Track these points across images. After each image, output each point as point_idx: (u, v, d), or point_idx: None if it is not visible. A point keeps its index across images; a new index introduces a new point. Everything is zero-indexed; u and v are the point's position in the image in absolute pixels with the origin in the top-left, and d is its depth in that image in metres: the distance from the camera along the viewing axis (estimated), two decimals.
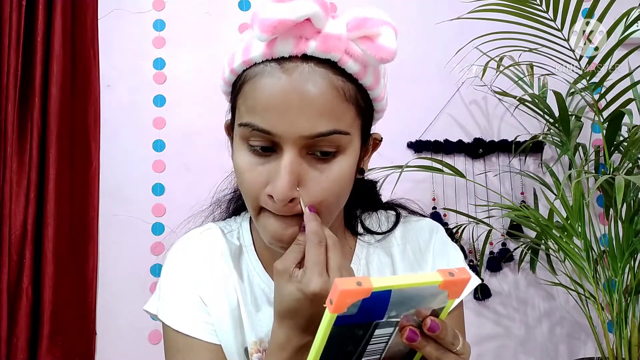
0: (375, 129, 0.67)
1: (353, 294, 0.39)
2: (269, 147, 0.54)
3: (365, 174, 0.68)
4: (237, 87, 0.56)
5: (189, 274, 0.67)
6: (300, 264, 0.53)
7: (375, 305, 0.41)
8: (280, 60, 0.53)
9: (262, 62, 0.54)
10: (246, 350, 0.66)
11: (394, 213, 0.74)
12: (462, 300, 0.71)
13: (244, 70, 0.56)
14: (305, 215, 0.53)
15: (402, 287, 0.40)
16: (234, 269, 0.68)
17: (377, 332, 0.44)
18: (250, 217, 0.72)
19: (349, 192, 0.59)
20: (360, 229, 0.72)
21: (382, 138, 0.67)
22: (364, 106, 0.57)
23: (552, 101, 1.56)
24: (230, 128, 0.63)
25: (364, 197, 0.74)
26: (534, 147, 1.84)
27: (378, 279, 0.40)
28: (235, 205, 0.76)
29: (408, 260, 0.71)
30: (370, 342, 0.45)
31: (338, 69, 0.53)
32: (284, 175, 0.52)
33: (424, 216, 0.79)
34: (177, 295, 0.66)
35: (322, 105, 0.52)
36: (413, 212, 0.77)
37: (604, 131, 1.49)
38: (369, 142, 0.64)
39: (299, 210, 0.54)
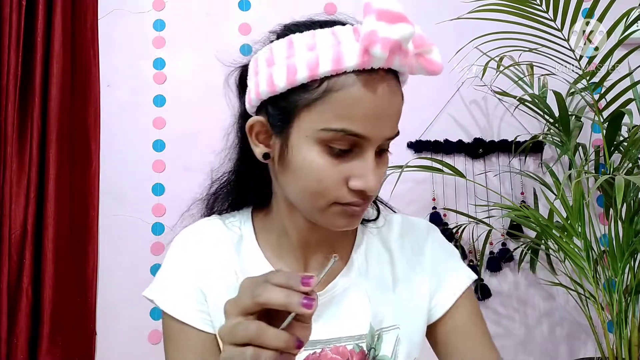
0: None
1: None
2: (348, 150, 0.59)
3: None
4: (317, 92, 0.58)
5: (189, 263, 0.70)
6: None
7: None
8: (370, 71, 0.58)
9: (352, 71, 0.57)
10: None
11: (375, 205, 0.79)
12: (470, 292, 0.75)
13: (327, 77, 0.57)
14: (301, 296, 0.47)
15: None
16: (234, 258, 0.71)
17: None
18: (252, 210, 0.75)
19: None
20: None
21: None
22: None
23: (552, 101, 1.56)
24: (257, 125, 0.64)
25: None
26: (534, 147, 1.84)
27: None
28: (229, 203, 0.77)
29: (406, 256, 0.74)
30: None
31: (398, 78, 0.62)
32: (375, 171, 0.59)
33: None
34: (175, 282, 0.69)
35: (398, 112, 0.62)
36: (385, 205, 0.81)
37: (604, 131, 1.49)
38: None
39: (372, 198, 0.62)
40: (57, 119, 1.76)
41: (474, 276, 0.75)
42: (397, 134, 0.62)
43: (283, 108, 0.61)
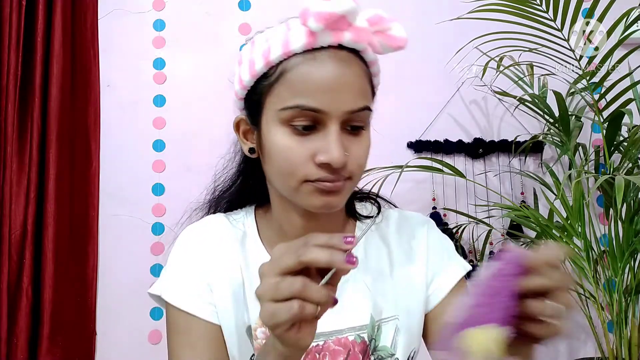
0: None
1: None
2: (311, 126, 0.61)
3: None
4: (274, 77, 0.62)
5: (194, 256, 0.72)
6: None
7: None
8: (319, 49, 0.61)
9: (302, 52, 0.61)
10: (249, 328, 0.69)
11: (375, 202, 0.81)
12: (463, 283, 0.76)
13: (280, 62, 0.62)
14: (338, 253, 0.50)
15: None
16: (239, 252, 0.72)
17: None
18: (255, 208, 0.78)
19: None
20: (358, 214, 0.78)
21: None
22: (374, 91, 0.68)
23: (552, 101, 1.56)
24: (242, 123, 0.69)
25: None
26: (534, 147, 1.84)
27: None
28: (230, 203, 0.80)
29: (403, 249, 0.76)
30: None
31: (360, 56, 0.64)
32: (337, 143, 0.60)
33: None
34: (181, 275, 0.71)
35: (359, 85, 0.62)
36: (389, 203, 0.83)
37: (604, 131, 1.49)
38: None
39: (345, 175, 0.62)
40: (57, 119, 1.76)
41: (469, 267, 0.77)
42: (365, 108, 0.63)
43: (253, 101, 0.66)
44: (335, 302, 0.48)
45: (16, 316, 1.67)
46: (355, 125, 0.63)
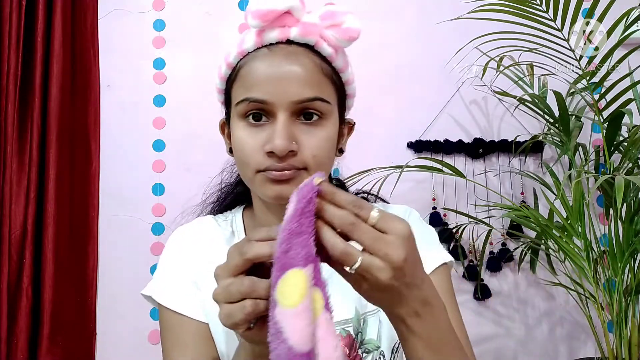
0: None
1: None
2: (262, 118, 0.64)
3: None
4: (233, 76, 0.67)
5: (182, 257, 0.74)
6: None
7: None
8: (269, 46, 0.65)
9: (254, 50, 0.66)
10: None
11: (365, 200, 0.81)
12: (444, 271, 0.75)
13: (238, 62, 0.67)
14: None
15: None
16: (225, 252, 0.72)
17: None
18: (244, 208, 0.80)
19: (333, 161, 0.69)
20: None
21: (354, 123, 0.76)
22: (339, 85, 0.69)
23: (552, 101, 1.56)
24: (225, 125, 0.73)
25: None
26: (534, 147, 1.84)
27: None
28: (222, 204, 0.83)
29: None
30: None
31: (315, 51, 0.66)
32: (281, 131, 0.62)
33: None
34: (170, 275, 0.73)
35: (307, 76, 0.64)
36: (380, 200, 0.85)
37: (604, 131, 1.49)
38: (344, 125, 0.73)
39: (296, 164, 0.63)
40: (57, 119, 1.76)
41: (449, 258, 0.77)
42: (317, 99, 0.64)
43: (225, 102, 0.71)
44: None
45: (16, 316, 1.67)
46: (310, 115, 0.64)
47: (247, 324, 0.47)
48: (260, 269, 0.48)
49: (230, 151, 0.73)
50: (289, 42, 0.65)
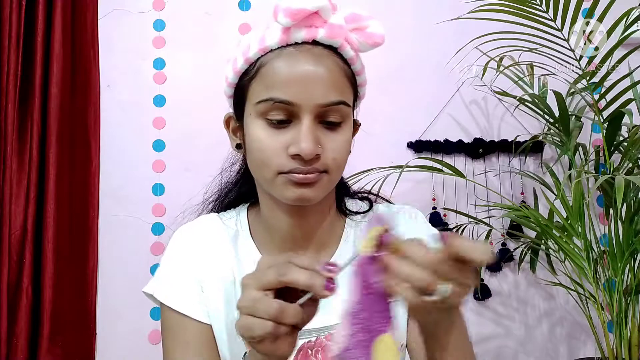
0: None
1: None
2: (286, 120, 0.63)
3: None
4: (252, 72, 0.65)
5: (186, 256, 0.73)
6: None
7: None
8: (294, 45, 0.64)
9: (277, 48, 0.64)
10: None
11: (367, 200, 0.82)
12: None
13: (258, 58, 0.65)
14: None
15: None
16: (230, 250, 0.73)
17: None
18: (248, 206, 0.79)
19: (346, 162, 0.69)
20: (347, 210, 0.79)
21: (360, 124, 0.76)
22: (355, 87, 0.69)
23: (552, 101, 1.56)
24: (231, 120, 0.72)
25: (341, 186, 0.80)
26: (534, 147, 1.84)
27: None
28: (225, 201, 0.81)
29: None
30: None
31: (338, 53, 0.66)
32: (308, 135, 0.61)
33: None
34: (173, 275, 0.73)
35: (332, 80, 0.63)
36: (383, 199, 0.84)
37: (604, 131, 1.49)
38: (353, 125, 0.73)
39: (319, 168, 0.63)
40: (57, 119, 1.76)
41: None
42: (341, 102, 0.64)
43: (237, 97, 0.69)
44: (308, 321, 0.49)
45: (16, 316, 1.67)
46: (331, 120, 0.64)
47: (262, 339, 0.47)
48: (288, 289, 0.48)
49: (237, 147, 0.72)
50: (314, 42, 0.64)
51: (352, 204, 0.80)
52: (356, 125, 0.75)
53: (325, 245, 0.75)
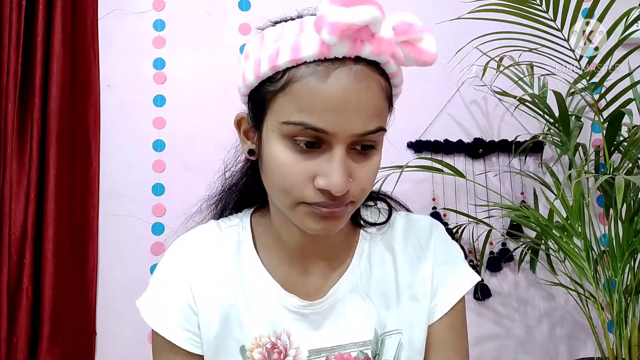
0: None
1: None
2: (314, 143, 0.55)
3: None
4: (280, 84, 0.56)
5: (179, 276, 0.67)
6: None
7: None
8: (334, 60, 0.54)
9: (313, 61, 0.54)
10: (242, 348, 0.66)
11: (387, 207, 0.75)
12: (462, 302, 0.71)
13: (289, 68, 0.55)
14: None
15: None
16: (230, 265, 0.68)
17: None
18: (252, 213, 0.72)
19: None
20: (362, 222, 0.73)
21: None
22: (391, 101, 0.62)
23: (552, 101, 1.56)
24: (243, 121, 0.64)
25: None
26: (534, 147, 1.84)
27: None
28: (227, 201, 0.75)
29: (408, 257, 0.71)
30: None
31: (381, 69, 0.57)
32: (341, 170, 0.54)
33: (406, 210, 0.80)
34: (162, 298, 0.67)
35: (373, 105, 0.56)
36: (399, 205, 0.78)
37: (604, 131, 1.49)
38: None
39: (346, 201, 0.57)
40: (57, 119, 1.76)
41: (477, 278, 0.72)
42: (380, 129, 0.56)
43: (256, 102, 0.60)
44: None
45: (16, 316, 1.67)
46: (365, 145, 0.57)
47: None
48: None
49: (250, 153, 0.64)
50: (357, 57, 0.55)
51: (368, 214, 0.73)
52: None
53: (338, 259, 0.70)
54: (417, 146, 1.85)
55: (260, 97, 0.59)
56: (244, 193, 0.74)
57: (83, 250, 1.78)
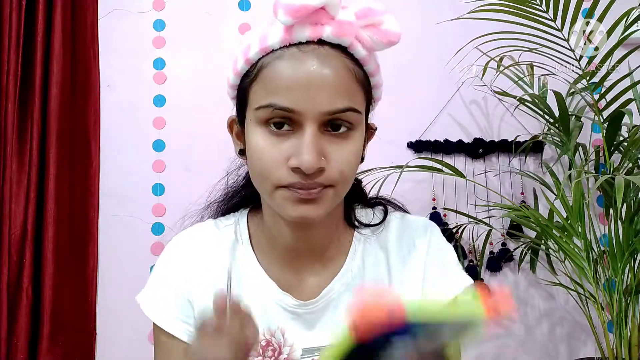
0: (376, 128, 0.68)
1: (382, 325, 0.37)
2: (286, 127, 0.57)
3: (366, 174, 0.68)
4: (253, 75, 0.60)
5: (177, 271, 0.69)
6: None
7: (398, 331, 0.38)
8: (298, 45, 0.58)
9: (280, 48, 0.58)
10: None
11: (383, 208, 0.75)
12: None
13: (259, 59, 0.59)
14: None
15: (437, 321, 0.37)
16: (227, 263, 0.69)
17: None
18: (248, 213, 0.74)
19: (355, 173, 0.63)
20: (357, 222, 0.73)
21: (376, 128, 0.71)
22: (368, 90, 0.63)
23: (552, 101, 1.56)
24: (234, 123, 0.67)
25: (353, 193, 0.74)
26: (534, 147, 1.84)
27: (413, 303, 0.37)
28: (227, 205, 0.76)
29: (402, 256, 0.71)
30: None
31: (348, 53, 0.59)
32: (310, 147, 0.55)
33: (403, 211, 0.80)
34: (161, 291, 0.69)
35: (339, 84, 0.57)
36: (398, 207, 0.78)
37: (604, 131, 1.49)
38: (367, 130, 0.67)
39: (323, 182, 0.58)
40: (57, 119, 1.76)
41: (469, 282, 0.71)
42: (350, 109, 0.58)
43: (239, 99, 0.64)
44: None
45: (16, 316, 1.67)
46: (338, 126, 0.58)
47: None
48: None
49: (240, 153, 0.66)
50: (321, 41, 0.58)
51: (363, 215, 0.74)
52: (371, 130, 0.69)
53: (332, 260, 0.70)
54: (417, 146, 1.85)
55: (241, 93, 0.62)
56: (245, 200, 0.75)
57: (83, 250, 1.78)
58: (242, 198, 0.75)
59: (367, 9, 0.59)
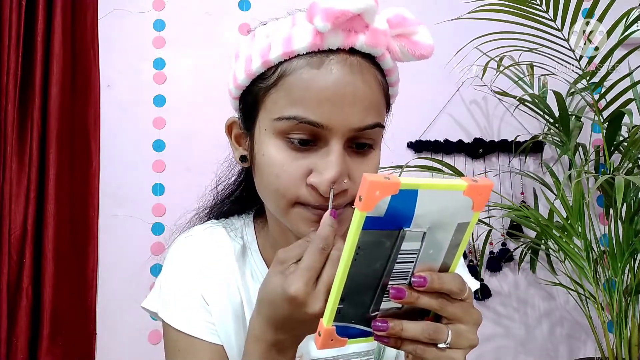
0: None
1: (382, 186, 0.38)
2: (309, 141, 0.53)
3: None
4: (272, 80, 0.54)
5: (191, 273, 0.66)
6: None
7: (403, 208, 0.40)
8: (328, 52, 0.53)
9: (306, 53, 0.53)
10: None
11: None
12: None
13: (280, 62, 0.54)
14: (324, 216, 0.50)
15: (427, 188, 0.40)
16: (237, 269, 0.67)
17: (405, 245, 0.42)
18: (254, 217, 0.71)
19: None
20: None
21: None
22: (388, 101, 0.60)
23: (552, 101, 1.56)
24: (234, 126, 0.63)
25: None
26: (534, 147, 1.84)
27: (405, 177, 0.39)
28: (229, 208, 0.74)
29: None
30: (398, 260, 0.43)
31: (376, 63, 0.55)
32: (336, 165, 0.51)
33: None
34: (179, 294, 0.65)
35: (371, 99, 0.53)
36: None
37: (604, 131, 1.49)
38: None
39: (342, 203, 0.54)
40: (57, 119, 1.76)
41: (476, 285, 0.70)
42: (378, 125, 0.54)
43: (248, 102, 0.58)
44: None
45: (16, 316, 1.67)
46: (362, 143, 0.54)
47: None
48: None
49: (242, 159, 0.62)
50: (352, 50, 0.53)
51: None
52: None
53: None
54: (417, 146, 1.85)
55: (252, 96, 0.57)
56: (236, 204, 0.72)
57: (83, 250, 1.78)
58: (233, 205, 0.73)
59: (400, 17, 0.55)
